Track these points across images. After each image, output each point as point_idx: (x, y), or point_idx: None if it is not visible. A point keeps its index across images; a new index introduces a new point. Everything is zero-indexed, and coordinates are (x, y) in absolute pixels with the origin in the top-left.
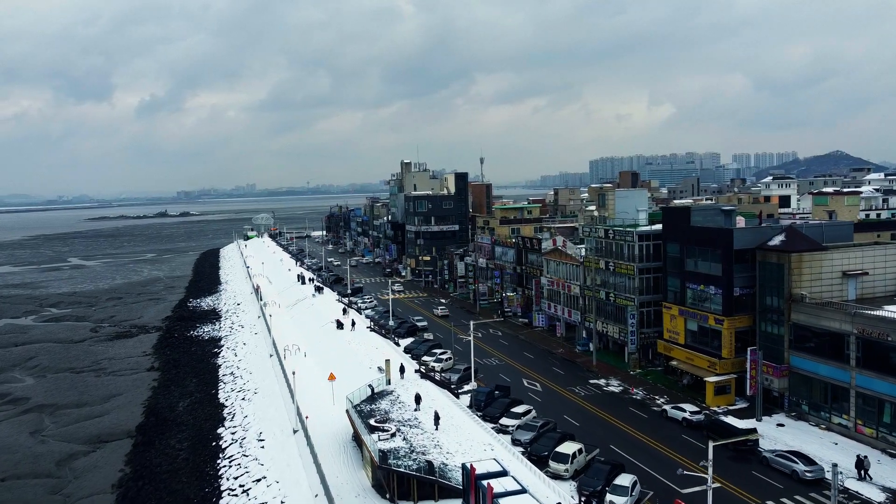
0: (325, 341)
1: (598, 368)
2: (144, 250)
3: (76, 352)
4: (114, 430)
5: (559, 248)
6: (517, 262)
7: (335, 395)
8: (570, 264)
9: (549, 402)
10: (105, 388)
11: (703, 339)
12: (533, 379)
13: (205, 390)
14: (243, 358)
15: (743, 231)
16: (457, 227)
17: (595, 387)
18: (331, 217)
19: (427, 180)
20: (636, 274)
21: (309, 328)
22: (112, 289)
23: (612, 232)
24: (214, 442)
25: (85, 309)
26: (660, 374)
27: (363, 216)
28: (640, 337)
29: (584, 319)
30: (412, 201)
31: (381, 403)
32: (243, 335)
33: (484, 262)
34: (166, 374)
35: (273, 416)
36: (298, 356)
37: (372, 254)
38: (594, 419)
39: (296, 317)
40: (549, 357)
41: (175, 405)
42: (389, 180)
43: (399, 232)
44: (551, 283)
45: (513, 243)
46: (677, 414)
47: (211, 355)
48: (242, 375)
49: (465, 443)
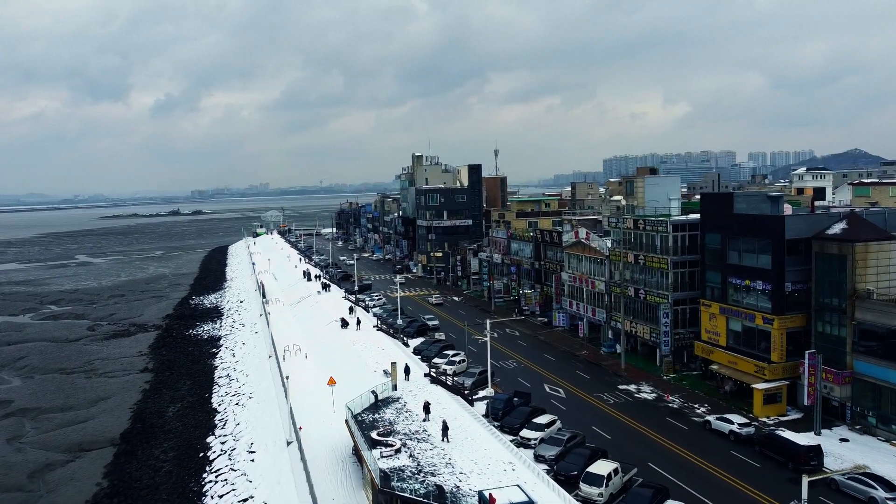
0: (327, 341)
1: (626, 372)
2: (153, 248)
3: (69, 351)
4: (97, 437)
5: (582, 241)
6: (535, 258)
7: (336, 402)
8: (594, 258)
9: (575, 411)
10: (94, 391)
11: (748, 340)
12: (555, 384)
13: (198, 394)
14: (241, 359)
15: (796, 218)
16: (470, 222)
17: (625, 393)
18: (341, 213)
19: (439, 174)
20: (670, 268)
21: (312, 327)
22: (115, 286)
23: (643, 222)
24: (202, 452)
25: (85, 307)
26: (697, 379)
27: (373, 212)
28: (673, 338)
29: (611, 318)
30: (423, 195)
31: (386, 412)
32: (243, 334)
33: (499, 257)
34: (159, 376)
35: (267, 423)
36: (298, 357)
37: (382, 250)
38: (627, 431)
39: (299, 315)
40: (571, 359)
41: (164, 410)
42: (400, 174)
43: (410, 227)
44: (573, 280)
45: (530, 237)
46: (723, 426)
47: (208, 356)
48: (238, 378)
49: (480, 460)
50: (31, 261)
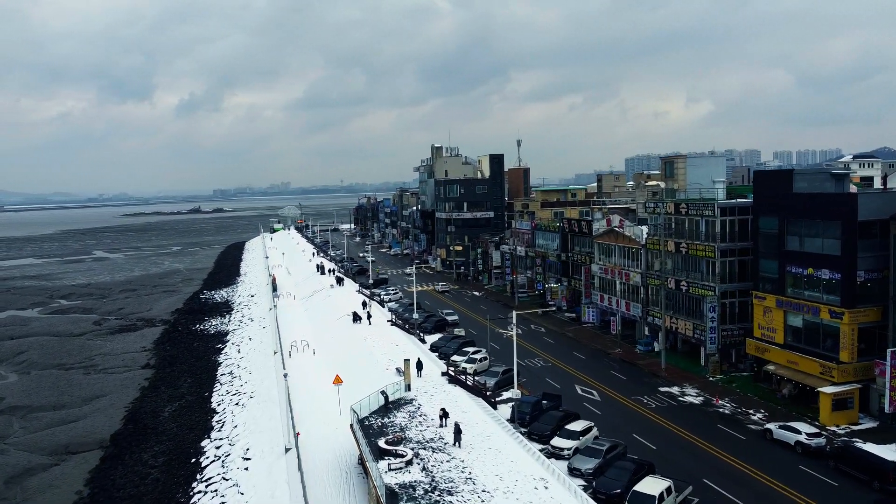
0: (338, 337)
1: (667, 373)
2: (171, 244)
3: (71, 346)
4: (86, 438)
5: (615, 230)
6: (562, 249)
7: (342, 403)
8: (628, 248)
9: (611, 416)
10: (90, 388)
11: (811, 337)
12: (588, 385)
13: (197, 392)
14: (245, 355)
15: (871, 197)
16: (491, 214)
17: (667, 396)
18: (359, 209)
19: (460, 166)
20: (717, 256)
21: (322, 322)
22: (127, 281)
23: (686, 206)
24: (195, 458)
25: (95, 301)
26: (748, 381)
27: (392, 207)
28: (721, 335)
29: (647, 314)
30: (443, 186)
31: (397, 416)
32: (251, 329)
33: (523, 250)
34: (160, 373)
35: (266, 426)
36: (306, 354)
37: (400, 245)
38: (673, 440)
39: (310, 309)
40: (604, 358)
41: (161, 410)
42: (419, 166)
43: (429, 221)
44: (604, 272)
45: (557, 228)
46: (788, 436)
47: (213, 352)
48: (241, 375)
49: (506, 475)
50: (48, 256)
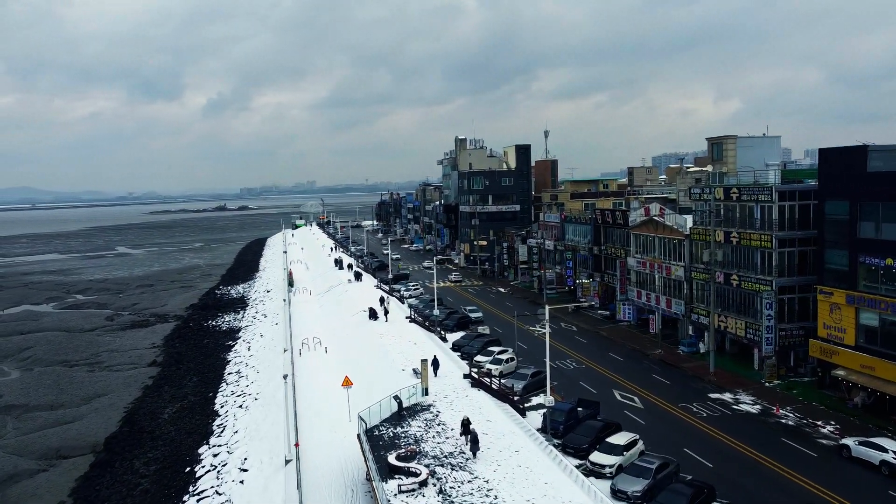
0: (352, 334)
1: (716, 378)
2: (194, 240)
3: (79, 342)
4: (79, 441)
5: (655, 219)
6: (593, 243)
7: (352, 408)
8: (670, 239)
9: (657, 426)
10: (91, 387)
11: (890, 339)
12: (627, 390)
13: (201, 392)
14: (255, 353)
15: None
16: (517, 208)
17: (719, 404)
18: (381, 205)
19: (484, 159)
20: (774, 247)
21: (337, 318)
22: (146, 276)
23: (737, 190)
24: (189, 466)
25: (111, 296)
26: (811, 387)
27: (414, 202)
28: (778, 335)
29: (691, 311)
30: (467, 178)
31: (412, 425)
32: (263, 326)
33: (551, 244)
34: (166, 371)
35: (267, 433)
36: (318, 352)
37: (423, 241)
38: (732, 456)
39: (325, 305)
40: (643, 360)
41: (161, 411)
42: (442, 159)
43: (452, 215)
44: (642, 266)
45: (588, 219)
46: (870, 454)
47: (222, 349)
48: (248, 375)
49: (539, 500)
50: (71, 252)
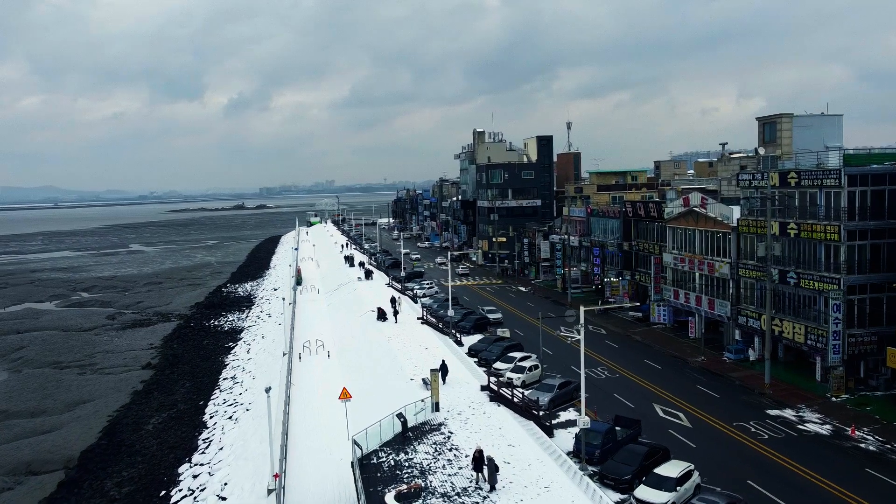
0: (358, 336)
1: (772, 390)
2: (208, 238)
3: (75, 342)
4: (52, 455)
5: (695, 210)
6: (623, 238)
7: (351, 424)
8: (712, 233)
9: (710, 450)
10: (78, 391)
11: None
12: (671, 404)
13: (192, 400)
14: (254, 356)
15: None
16: (539, 203)
17: (781, 423)
18: (398, 202)
19: (504, 153)
20: (843, 240)
21: (343, 319)
22: (154, 273)
23: (797, 175)
24: (165, 489)
25: (116, 294)
26: (888, 403)
27: (431, 198)
28: (846, 342)
29: (739, 313)
30: (485, 172)
31: (418, 451)
32: (266, 326)
33: (576, 240)
34: (159, 375)
35: (253, 453)
36: (320, 356)
37: (439, 238)
38: (809, 490)
39: (334, 304)
40: (684, 368)
41: (146, 421)
42: (460, 153)
43: (470, 211)
44: (680, 262)
45: (617, 212)
46: None
47: (221, 351)
48: (244, 381)
49: None
50: (85, 249)
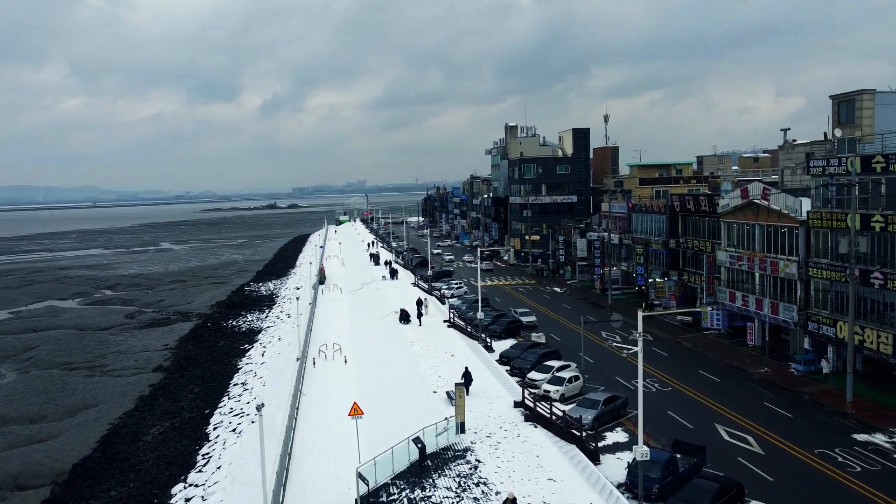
0: (379, 340)
1: (855, 409)
2: (238, 236)
3: (89, 342)
4: (43, 467)
5: (755, 202)
6: (669, 235)
7: (362, 446)
8: (776, 227)
9: (793, 486)
10: (83, 395)
11: None
12: (735, 425)
13: (198, 408)
14: (268, 360)
15: None
16: (574, 199)
17: (873, 451)
18: (427, 200)
19: (537, 148)
20: None
21: (364, 320)
22: (180, 272)
23: (884, 159)
24: None
25: (139, 292)
26: None
27: (461, 196)
28: None
29: (808, 318)
30: (518, 166)
31: (437, 486)
32: (284, 327)
33: (616, 237)
34: (168, 379)
35: (250, 476)
36: (336, 361)
37: (469, 236)
38: None
39: (356, 304)
40: (746, 381)
41: (146, 431)
42: (491, 149)
43: (501, 208)
44: (737, 261)
45: (663, 207)
46: None
47: (236, 353)
48: (254, 388)
49: None
50: (116, 247)
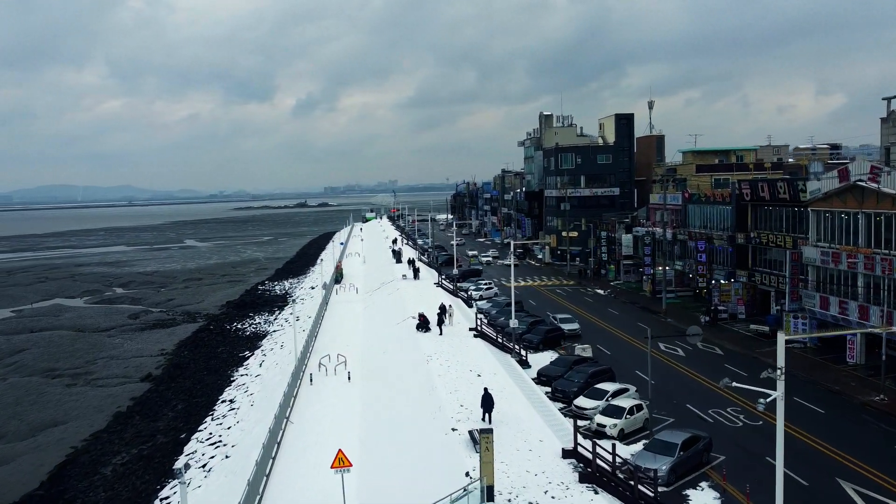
0: (391, 353)
1: None
2: (264, 234)
3: (83, 344)
4: None
5: (860, 184)
6: (736, 228)
7: None
8: (889, 215)
9: None
10: (54, 410)
11: None
12: (865, 481)
13: (176, 431)
14: (264, 372)
15: None
16: (617, 191)
17: None
18: (457, 196)
19: (574, 138)
20: None
21: (378, 327)
22: (197, 269)
23: None
24: None
25: (151, 290)
26: None
27: (492, 191)
28: None
29: None
30: (554, 156)
31: None
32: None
33: (669, 232)
34: (153, 391)
35: None
36: (339, 378)
37: (500, 233)
38: None
39: (370, 307)
40: (858, 413)
41: (108, 459)
42: (524, 140)
43: (535, 203)
44: (832, 258)
45: (728, 196)
46: None
47: (234, 361)
48: (241, 407)
49: None
50: (140, 244)
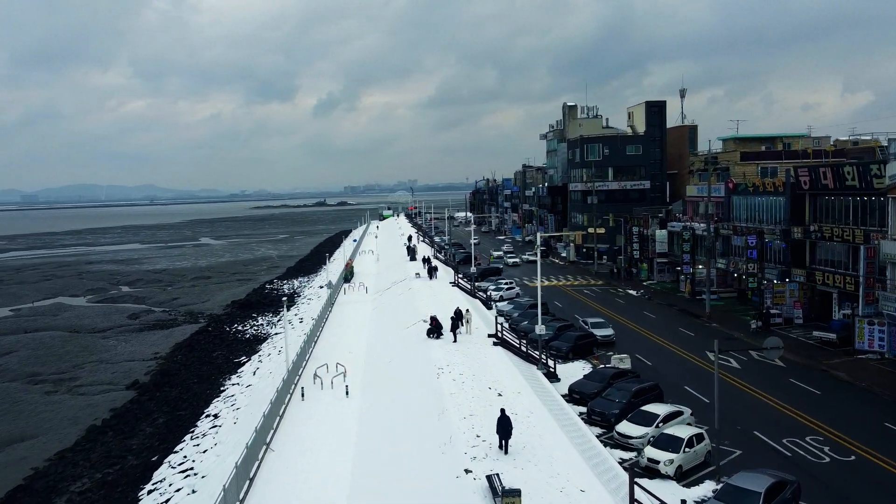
0: (398, 362)
1: None
2: (280, 232)
3: (74, 347)
4: None
5: None
6: (792, 222)
7: None
8: None
9: None
10: (26, 421)
11: None
12: None
13: (149, 451)
14: (256, 382)
15: None
16: (647, 184)
17: None
18: (476, 193)
19: (599, 130)
20: None
21: (385, 332)
22: (208, 267)
23: None
24: None
25: (157, 289)
26: None
27: (513, 187)
28: None
29: None
30: (579, 148)
31: None
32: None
33: (711, 227)
34: (135, 402)
35: None
36: (335, 392)
37: (521, 231)
38: None
39: (379, 308)
40: None
41: (66, 486)
42: (547, 133)
43: (558, 198)
44: None
45: (781, 185)
46: None
47: (228, 367)
48: (223, 425)
49: None
50: (155, 242)
